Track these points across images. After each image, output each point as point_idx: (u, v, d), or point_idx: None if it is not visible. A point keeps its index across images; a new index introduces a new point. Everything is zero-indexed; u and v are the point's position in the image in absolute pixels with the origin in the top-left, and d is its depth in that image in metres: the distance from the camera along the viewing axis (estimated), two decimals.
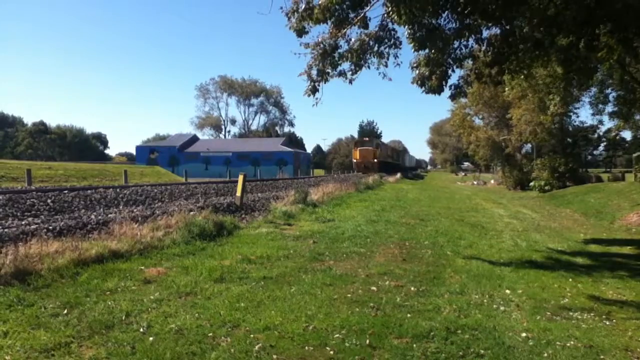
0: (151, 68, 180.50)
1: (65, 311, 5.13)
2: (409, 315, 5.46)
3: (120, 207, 11.35)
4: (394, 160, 74.55)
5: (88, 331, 4.60)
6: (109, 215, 9.89)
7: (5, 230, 7.68)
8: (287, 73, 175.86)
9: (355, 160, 59.43)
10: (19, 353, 4.06)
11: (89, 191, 12.20)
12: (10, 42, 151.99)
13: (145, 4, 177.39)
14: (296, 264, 7.92)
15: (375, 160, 56.80)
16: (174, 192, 15.10)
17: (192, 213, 10.95)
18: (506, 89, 24.90)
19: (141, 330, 4.69)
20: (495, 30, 10.31)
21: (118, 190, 13.05)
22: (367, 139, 65.84)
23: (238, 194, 14.30)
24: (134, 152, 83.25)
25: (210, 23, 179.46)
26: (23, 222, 8.46)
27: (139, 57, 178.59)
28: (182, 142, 79.26)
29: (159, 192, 14.43)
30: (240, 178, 14.51)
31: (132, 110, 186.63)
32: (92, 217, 9.67)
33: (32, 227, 8.07)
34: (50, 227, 8.21)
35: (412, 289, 6.61)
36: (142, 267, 7.17)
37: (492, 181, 53.29)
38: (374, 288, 6.56)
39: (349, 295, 6.19)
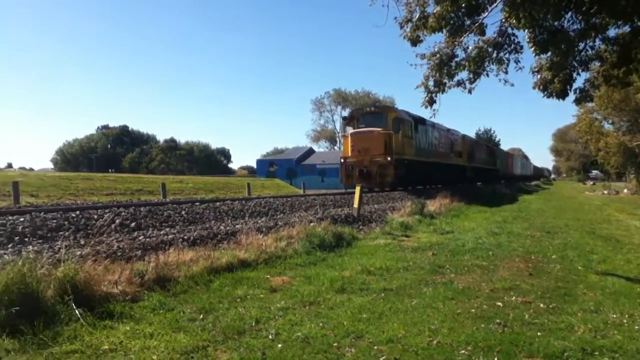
0: (270, 85, 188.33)
1: (201, 316, 5.51)
2: (539, 333, 5.20)
3: (246, 218, 11.95)
4: (474, 163, 44.02)
5: (222, 336, 4.91)
6: (236, 226, 10.47)
7: (147, 239, 8.41)
8: (399, 85, 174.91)
9: (343, 159, 26.61)
10: (163, 354, 4.43)
11: (217, 203, 12.99)
12: (150, 68, 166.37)
13: (268, 28, 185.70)
14: (416, 276, 7.85)
15: (389, 159, 24.91)
16: (294, 204, 15.60)
17: (312, 224, 11.25)
18: None
19: (270, 337, 4.91)
20: (625, 29, 9.55)
21: (243, 202, 13.77)
22: (373, 108, 30.05)
23: (355, 205, 14.48)
24: (254, 165, 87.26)
25: (323, 39, 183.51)
26: (161, 232, 9.20)
27: (260, 75, 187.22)
28: (299, 155, 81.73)
29: (280, 204, 14.98)
30: (357, 190, 14.69)
31: (253, 126, 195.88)
32: (222, 227, 10.29)
33: (170, 237, 8.77)
34: (185, 237, 8.86)
35: (542, 305, 6.29)
36: (268, 276, 7.50)
37: (625, 190, 48.21)
38: (499, 303, 6.33)
39: (473, 310, 6.03)
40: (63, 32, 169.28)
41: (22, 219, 8.29)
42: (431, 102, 9.94)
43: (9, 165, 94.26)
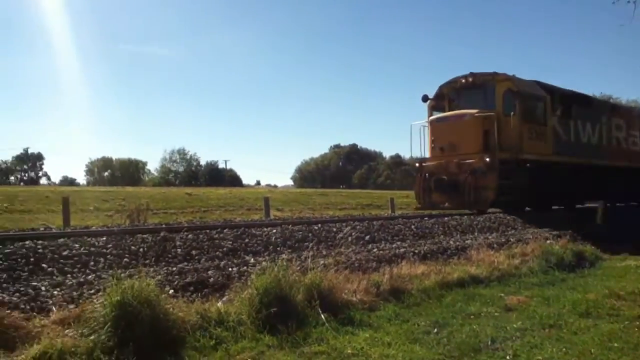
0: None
1: (435, 330, 5.58)
2: None
3: (475, 233, 11.74)
4: None
5: (457, 352, 4.92)
6: (466, 242, 10.36)
7: (381, 252, 8.84)
8: None
9: (418, 163, 17.56)
10: None
11: (445, 218, 13.02)
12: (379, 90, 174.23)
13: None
14: None
15: (488, 160, 15.28)
16: (528, 219, 14.79)
17: (548, 241, 10.58)
18: None
19: (507, 357, 4.76)
20: None
21: (472, 217, 13.55)
22: (470, 78, 17.01)
23: (599, 221, 13.19)
24: None
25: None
26: (393, 246, 9.57)
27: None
28: None
29: (511, 220, 14.32)
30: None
31: None
32: (451, 242, 10.29)
33: (401, 250, 9.07)
34: (416, 251, 9.06)
35: None
36: (502, 294, 7.27)
37: None
38: None
39: None
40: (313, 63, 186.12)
41: (274, 230, 9.38)
42: None
43: (258, 183, 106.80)
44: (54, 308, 5.16)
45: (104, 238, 7.61)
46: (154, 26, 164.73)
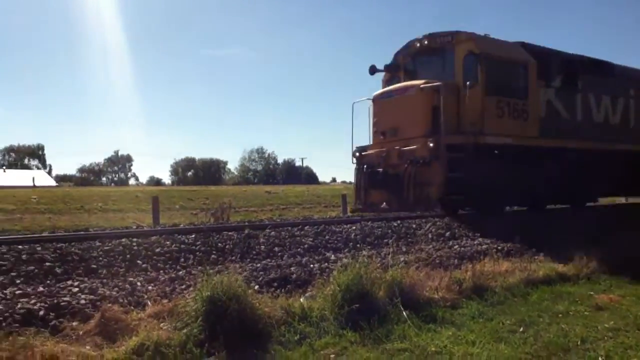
0: None
1: (521, 329, 5.45)
2: None
3: None
4: None
5: (545, 351, 4.78)
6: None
7: (462, 249, 8.73)
8: None
9: (358, 152, 13.64)
10: None
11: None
12: None
13: None
14: None
15: (432, 145, 11.47)
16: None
17: None
18: None
19: (600, 358, 4.59)
20: None
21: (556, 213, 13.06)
22: (425, 41, 13.23)
23: None
24: None
25: None
26: (475, 242, 9.40)
27: None
28: None
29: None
30: None
31: None
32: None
33: (483, 247, 8.92)
34: (499, 248, 8.87)
35: None
36: (592, 293, 6.98)
37: None
38: None
39: None
40: None
41: (353, 227, 9.48)
42: None
43: (333, 180, 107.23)
44: (149, 302, 5.49)
45: (193, 235, 7.99)
46: (233, 30, 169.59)
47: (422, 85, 12.05)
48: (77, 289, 5.63)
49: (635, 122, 16.37)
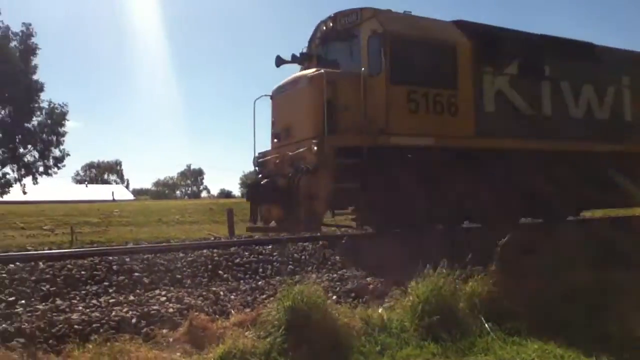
0: None
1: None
2: None
3: None
4: None
5: None
6: None
7: None
8: None
9: (258, 161, 11.24)
10: None
11: None
12: None
13: None
14: None
15: (316, 149, 9.04)
16: None
17: None
18: None
19: None
20: None
21: None
22: (331, 23, 10.94)
23: None
24: None
25: None
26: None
27: None
28: None
29: None
30: None
31: None
32: None
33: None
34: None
35: None
36: None
37: None
38: None
39: None
40: None
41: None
42: None
43: None
44: (232, 311, 5.67)
45: (270, 246, 8.15)
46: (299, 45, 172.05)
47: (310, 75, 9.87)
48: (164, 298, 5.90)
49: (631, 116, 13.17)
